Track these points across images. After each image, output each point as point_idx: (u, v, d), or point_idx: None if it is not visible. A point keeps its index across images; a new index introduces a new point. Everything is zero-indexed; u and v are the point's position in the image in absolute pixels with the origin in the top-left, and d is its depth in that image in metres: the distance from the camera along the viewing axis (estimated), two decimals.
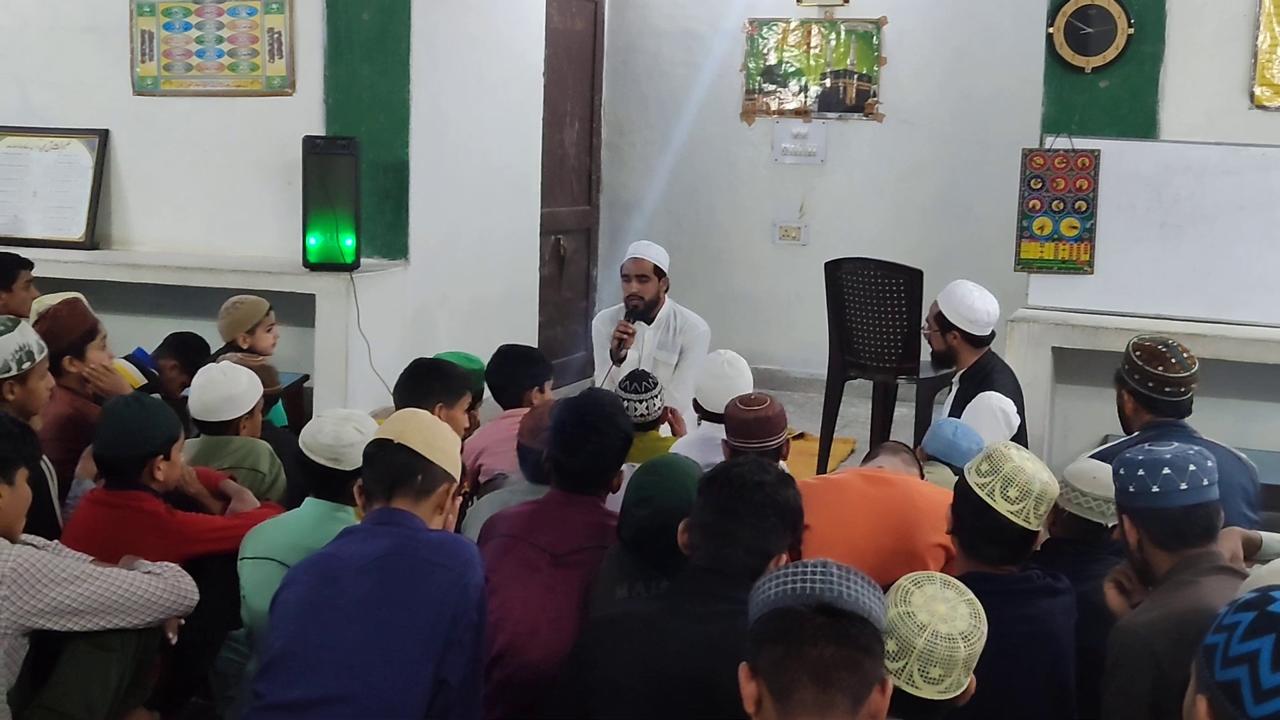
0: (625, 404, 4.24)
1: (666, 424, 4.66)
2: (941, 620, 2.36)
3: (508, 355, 4.62)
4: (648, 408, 4.33)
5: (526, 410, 4.16)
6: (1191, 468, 2.83)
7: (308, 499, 3.47)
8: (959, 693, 2.37)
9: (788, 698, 1.95)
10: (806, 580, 1.99)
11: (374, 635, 2.84)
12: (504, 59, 7.46)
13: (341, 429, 3.44)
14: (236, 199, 6.90)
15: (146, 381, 4.63)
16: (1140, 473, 2.85)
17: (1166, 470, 2.83)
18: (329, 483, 3.43)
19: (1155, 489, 2.82)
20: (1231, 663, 1.75)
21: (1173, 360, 3.93)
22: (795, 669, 1.96)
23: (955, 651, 2.37)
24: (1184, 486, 2.81)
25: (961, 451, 4.05)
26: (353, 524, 3.15)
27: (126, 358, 4.79)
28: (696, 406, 4.48)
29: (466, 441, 4.20)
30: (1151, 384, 3.94)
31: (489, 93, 7.26)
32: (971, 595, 2.44)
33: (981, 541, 2.98)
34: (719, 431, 4.07)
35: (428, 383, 4.20)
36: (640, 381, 4.37)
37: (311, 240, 6.33)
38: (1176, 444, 2.94)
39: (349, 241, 6.31)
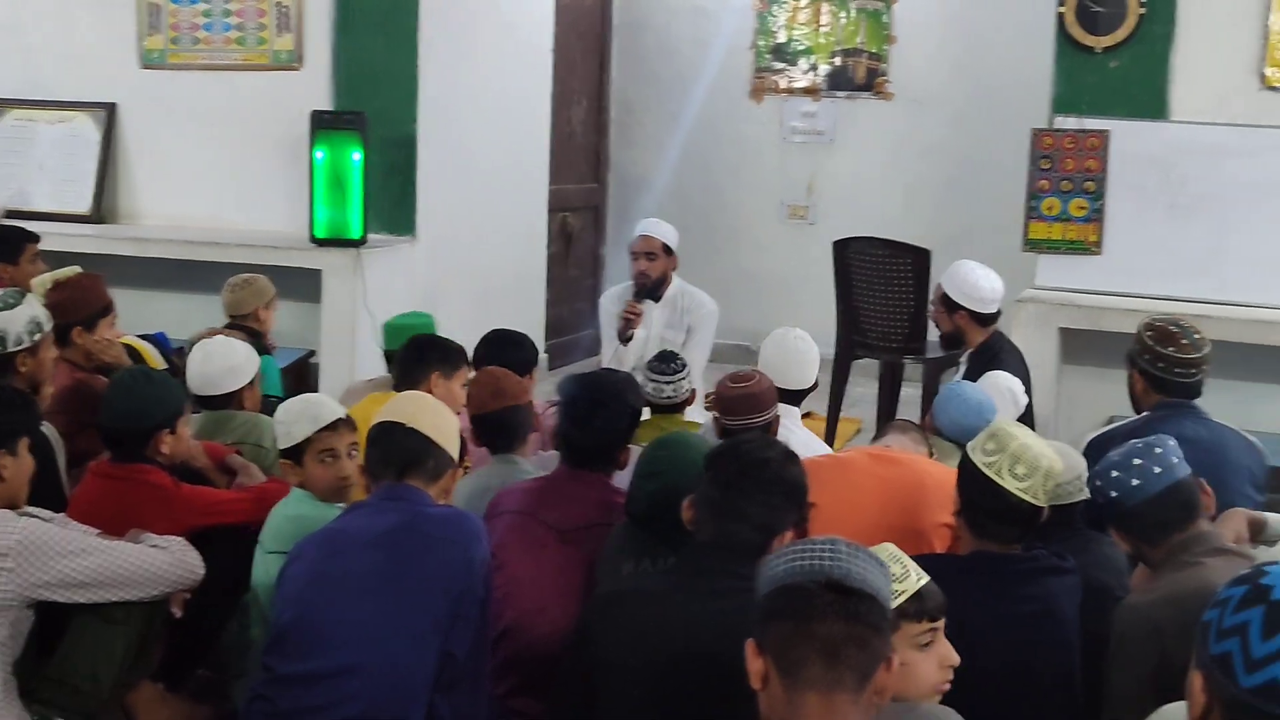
0: (653, 385, 4.26)
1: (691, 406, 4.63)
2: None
3: (495, 340, 4.60)
4: (675, 389, 4.33)
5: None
6: (1139, 461, 2.90)
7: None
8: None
9: (795, 674, 1.95)
10: (815, 557, 1.99)
11: (381, 609, 2.86)
12: (512, 35, 7.44)
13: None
14: (243, 173, 6.89)
15: (167, 366, 4.63)
16: (1114, 473, 2.93)
17: (1137, 460, 2.90)
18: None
19: (1135, 482, 2.89)
20: (1224, 635, 1.75)
21: (1184, 341, 3.92)
22: (804, 645, 1.96)
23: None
24: (1158, 470, 2.88)
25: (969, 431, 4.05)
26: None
27: (146, 337, 4.80)
28: None
29: None
30: (1162, 364, 3.93)
31: (497, 69, 7.25)
32: None
33: (990, 520, 2.98)
34: (782, 412, 4.09)
35: (426, 356, 4.21)
36: (669, 363, 4.35)
37: (319, 215, 6.33)
38: (1129, 443, 3.00)
39: (356, 217, 6.30)
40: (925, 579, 2.42)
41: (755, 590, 2.05)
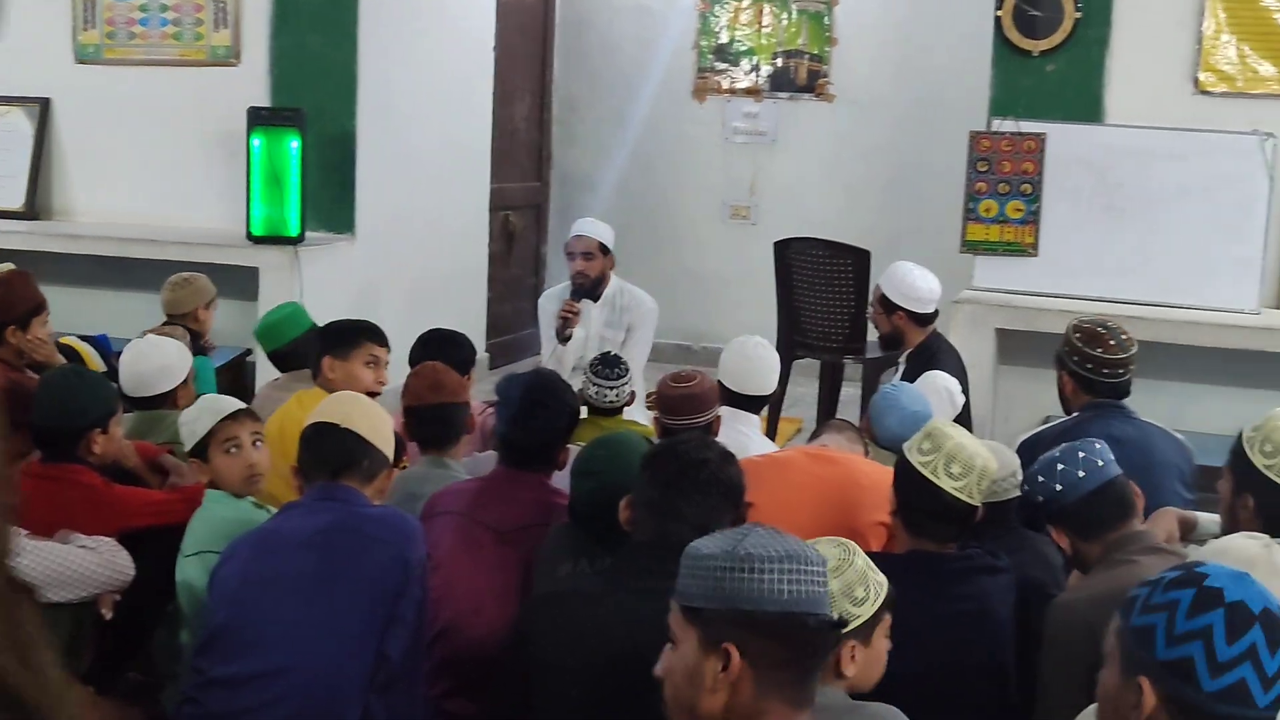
0: (595, 388, 4.24)
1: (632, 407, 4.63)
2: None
3: (432, 340, 4.56)
4: (618, 394, 4.32)
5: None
6: (1081, 454, 2.94)
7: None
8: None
9: (776, 689, 1.98)
10: (815, 581, 1.98)
11: (315, 610, 2.84)
12: (454, 32, 7.40)
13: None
14: (180, 170, 6.82)
15: (106, 369, 4.57)
16: (1040, 478, 2.97)
17: (1060, 466, 2.94)
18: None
19: (1058, 487, 2.93)
20: (1180, 640, 1.77)
21: (1111, 342, 3.97)
22: (796, 668, 2.00)
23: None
24: (1081, 474, 2.91)
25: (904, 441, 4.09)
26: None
27: (88, 339, 4.73)
28: (722, 388, 4.42)
29: None
30: (1090, 365, 3.98)
31: (438, 66, 7.21)
32: None
33: (927, 519, 3.01)
34: (740, 419, 4.12)
35: (313, 341, 4.17)
36: (613, 367, 4.34)
37: (256, 213, 6.27)
38: (1067, 442, 3.04)
39: (294, 215, 6.25)
40: None
41: (724, 586, 1.98)
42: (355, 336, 4.18)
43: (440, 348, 4.39)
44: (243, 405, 3.48)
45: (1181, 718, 1.78)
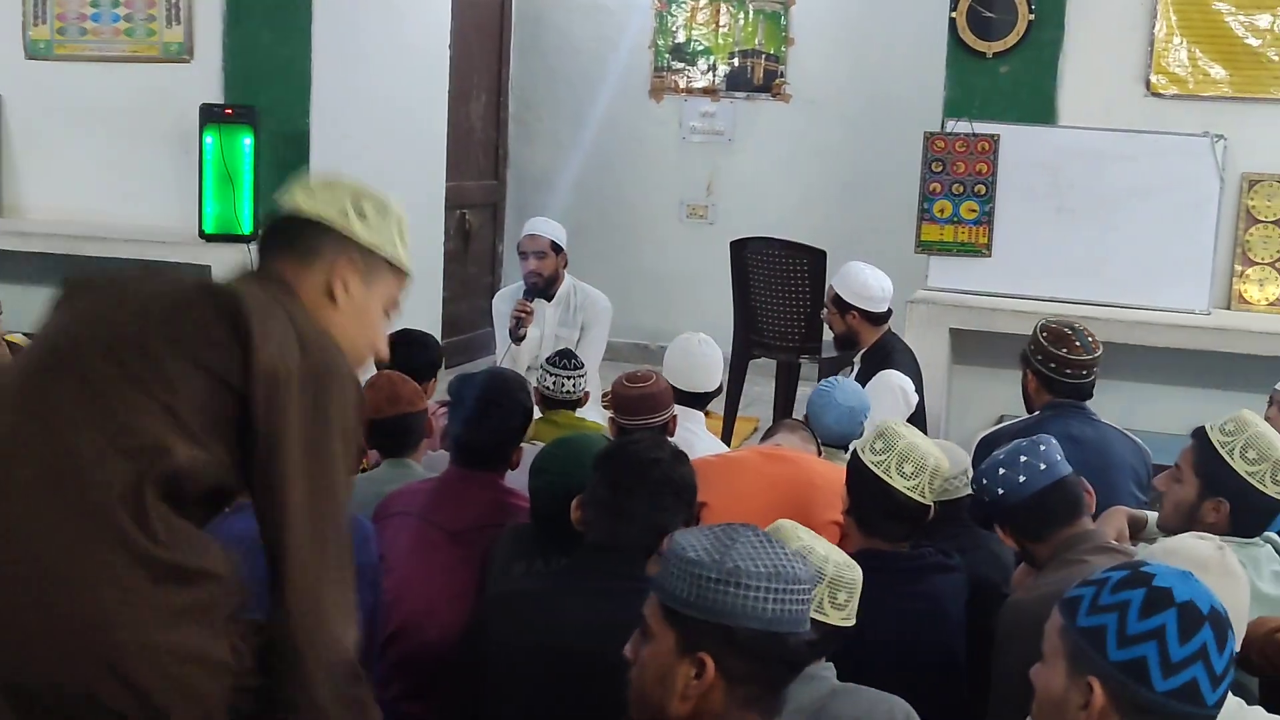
0: (552, 379, 4.25)
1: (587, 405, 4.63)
2: (834, 550, 2.63)
3: (400, 341, 4.53)
4: (574, 385, 4.32)
5: None
6: (1024, 458, 2.94)
7: None
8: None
9: (750, 701, 1.98)
10: (799, 601, 1.97)
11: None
12: (409, 29, 7.36)
13: None
14: (132, 167, 6.75)
15: None
16: (984, 480, 2.98)
17: (1002, 470, 2.94)
18: None
19: (1000, 490, 2.93)
20: (1132, 641, 1.78)
21: (1077, 344, 4.01)
22: (773, 685, 2.00)
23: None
24: (1022, 479, 2.91)
25: (846, 437, 4.11)
26: None
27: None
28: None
29: None
30: (1054, 365, 4.01)
31: (393, 63, 7.17)
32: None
33: (880, 518, 3.03)
34: (687, 416, 4.13)
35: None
36: (569, 359, 4.37)
37: (208, 210, 6.22)
38: (1014, 443, 3.04)
39: (246, 212, 6.20)
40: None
41: (708, 597, 1.95)
42: None
43: (409, 349, 4.37)
44: None
45: (1132, 716, 1.79)
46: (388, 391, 3.75)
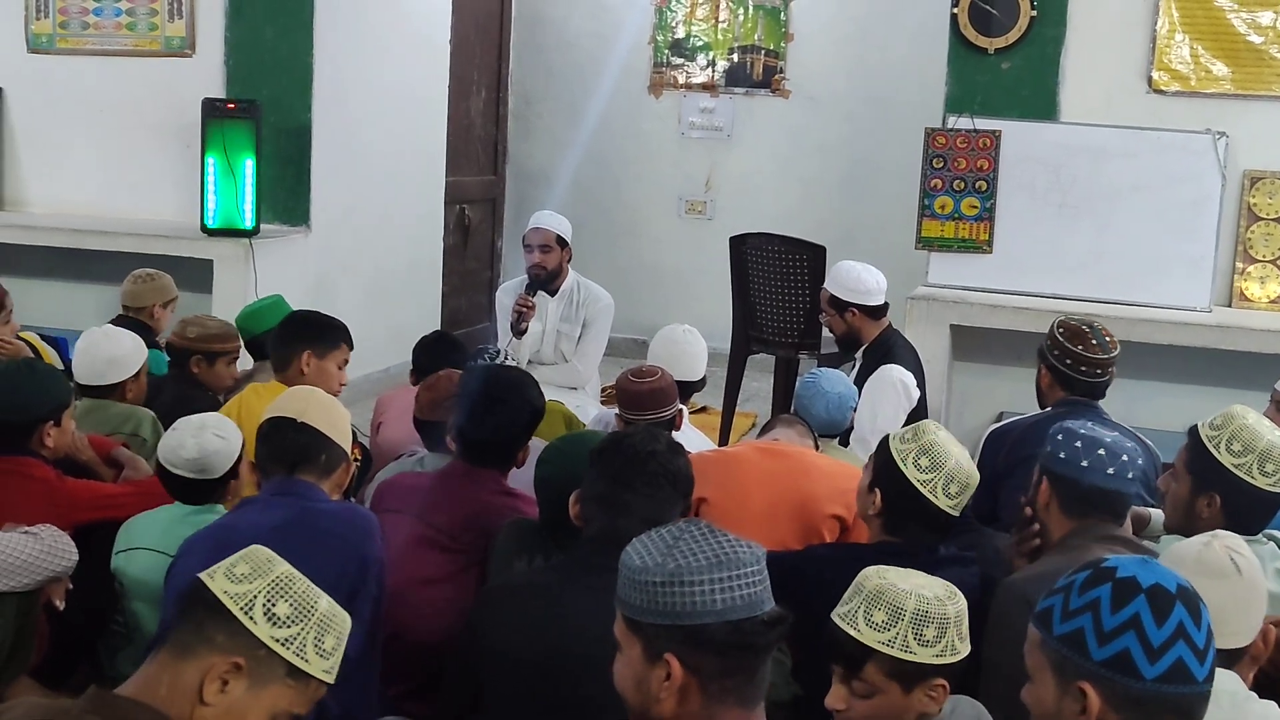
0: None
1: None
2: (923, 586, 2.37)
3: (434, 343, 4.59)
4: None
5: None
6: (1124, 458, 2.87)
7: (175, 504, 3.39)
8: (956, 659, 2.35)
9: (725, 695, 1.98)
10: (750, 585, 1.97)
11: None
12: (409, 25, 7.37)
13: (203, 439, 3.29)
14: (134, 161, 6.76)
15: (63, 368, 4.52)
16: (1076, 444, 2.88)
17: (1101, 451, 2.86)
18: (197, 491, 3.32)
19: (1084, 463, 2.86)
20: (1112, 636, 1.79)
21: (1093, 341, 3.99)
22: (742, 674, 1.99)
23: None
24: (1110, 471, 2.85)
25: (836, 424, 4.12)
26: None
27: (46, 338, 4.69)
28: None
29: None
30: (1069, 361, 4.00)
31: (394, 58, 7.18)
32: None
33: (915, 527, 2.97)
34: None
35: (299, 333, 4.09)
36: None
37: (210, 205, 6.22)
38: (1107, 430, 2.98)
39: (249, 207, 6.21)
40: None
41: (659, 601, 1.97)
42: (337, 337, 4.15)
43: (447, 352, 4.41)
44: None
45: (1129, 710, 1.79)
46: (449, 392, 3.76)
